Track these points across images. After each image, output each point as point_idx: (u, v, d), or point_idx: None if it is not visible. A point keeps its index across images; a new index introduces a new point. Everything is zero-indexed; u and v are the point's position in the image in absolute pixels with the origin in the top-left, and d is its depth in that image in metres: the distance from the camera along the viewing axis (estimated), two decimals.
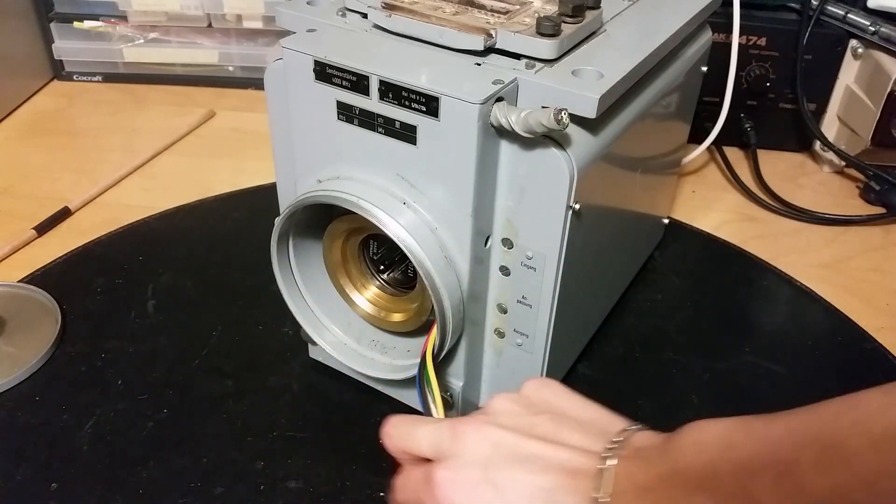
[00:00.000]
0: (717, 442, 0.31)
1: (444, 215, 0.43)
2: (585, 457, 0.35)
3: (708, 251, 0.73)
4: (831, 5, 0.80)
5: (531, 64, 0.42)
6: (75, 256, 0.68)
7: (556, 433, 0.36)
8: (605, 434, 0.36)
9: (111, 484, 0.49)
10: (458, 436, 0.37)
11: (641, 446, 0.34)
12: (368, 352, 0.52)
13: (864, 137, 0.77)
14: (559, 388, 0.40)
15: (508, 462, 0.35)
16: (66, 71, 0.98)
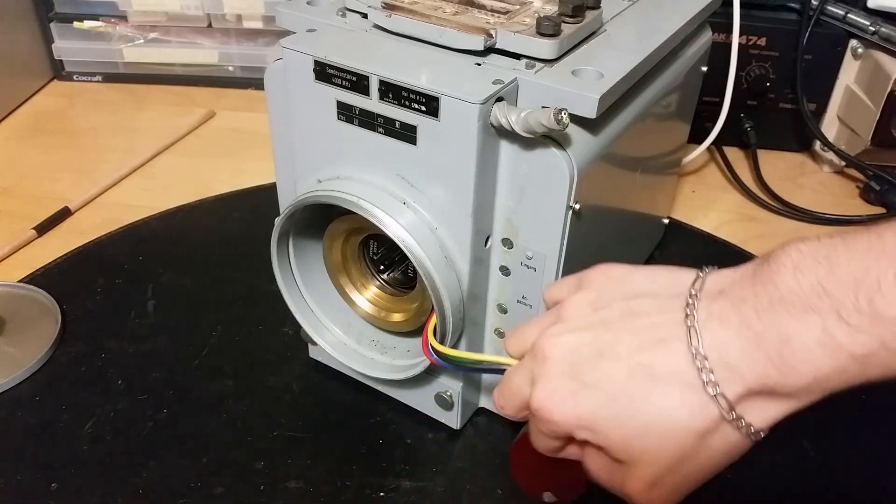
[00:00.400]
0: (815, 262, 0.30)
1: (444, 215, 0.43)
2: (670, 322, 0.32)
3: (708, 251, 0.73)
4: (831, 5, 0.80)
5: (531, 64, 0.42)
6: (75, 256, 0.68)
7: (633, 315, 0.34)
8: (680, 292, 0.33)
9: (111, 484, 0.49)
10: (540, 358, 0.35)
11: (724, 288, 0.32)
12: (368, 352, 0.53)
13: (864, 137, 0.77)
14: (619, 268, 0.37)
15: (596, 361, 0.33)
16: (66, 71, 0.98)
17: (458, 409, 0.52)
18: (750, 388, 0.31)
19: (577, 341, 0.34)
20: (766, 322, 0.30)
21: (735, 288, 0.31)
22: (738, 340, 0.30)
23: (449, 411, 0.52)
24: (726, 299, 0.31)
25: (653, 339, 0.32)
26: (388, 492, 0.49)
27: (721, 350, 0.31)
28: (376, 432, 0.53)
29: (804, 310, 0.29)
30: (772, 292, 0.30)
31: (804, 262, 0.30)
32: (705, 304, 0.32)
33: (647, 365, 0.32)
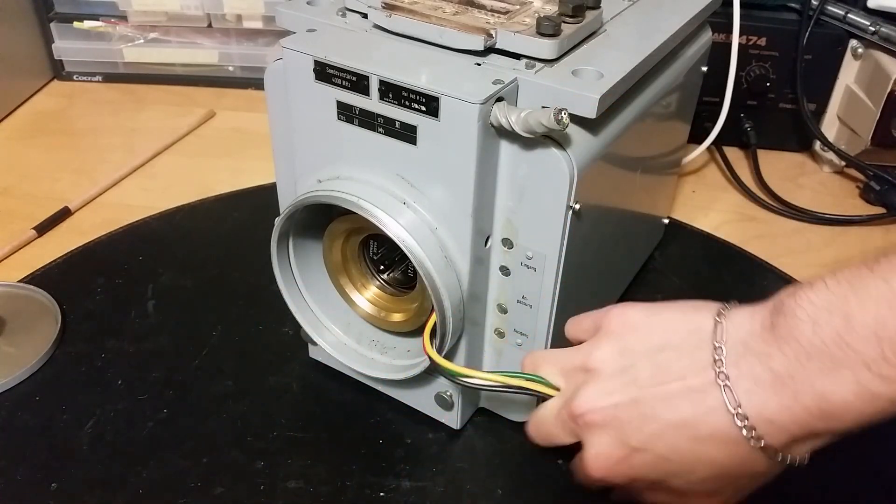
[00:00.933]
0: (830, 315, 0.30)
1: (444, 215, 0.43)
2: (704, 384, 0.33)
3: (708, 251, 0.73)
4: (831, 5, 0.80)
5: (531, 64, 0.42)
6: (75, 256, 0.68)
7: (663, 374, 0.35)
8: (702, 343, 0.34)
9: (111, 484, 0.49)
10: (582, 423, 0.37)
11: (746, 339, 0.33)
12: (368, 352, 0.53)
13: (864, 137, 0.77)
14: (636, 312, 0.38)
15: (639, 424, 0.35)
16: (66, 71, 0.98)
17: (458, 409, 0.52)
18: (794, 436, 0.32)
19: (615, 405, 0.36)
20: (800, 381, 0.31)
21: (757, 342, 0.32)
22: (776, 398, 0.32)
23: (449, 411, 0.52)
24: (753, 356, 0.32)
25: (690, 402, 0.34)
26: (388, 492, 0.49)
27: (760, 408, 0.32)
28: (376, 432, 0.53)
29: (834, 366, 0.30)
30: (797, 349, 0.31)
31: (819, 315, 0.31)
32: (733, 359, 0.33)
33: (690, 426, 0.34)
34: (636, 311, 0.38)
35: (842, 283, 0.31)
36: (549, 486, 0.50)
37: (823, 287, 0.31)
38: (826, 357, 0.30)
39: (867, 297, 0.30)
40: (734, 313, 0.34)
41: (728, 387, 0.32)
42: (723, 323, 0.34)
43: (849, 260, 0.71)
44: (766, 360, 0.32)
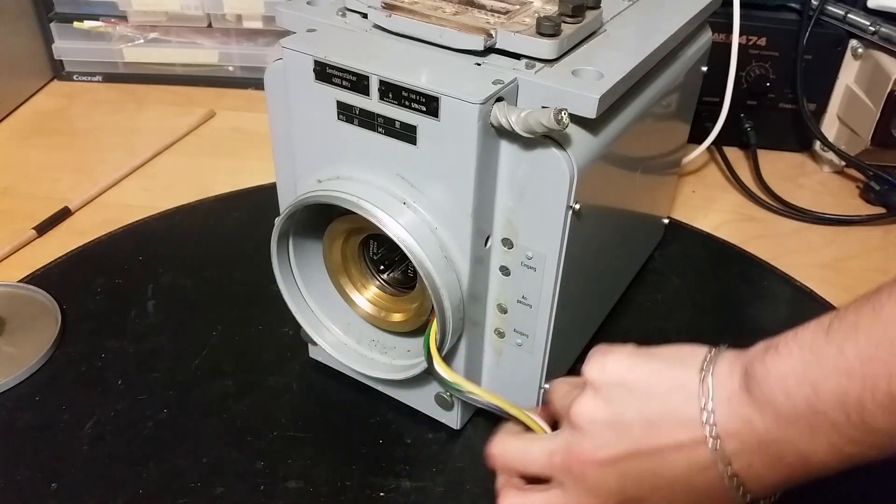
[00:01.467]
0: (799, 385, 0.32)
1: (444, 215, 0.43)
2: (692, 435, 0.35)
3: (708, 251, 0.73)
4: (831, 5, 0.80)
5: (531, 64, 0.42)
6: (75, 256, 0.68)
7: (655, 435, 0.36)
8: (690, 399, 0.36)
9: (111, 484, 0.49)
10: (573, 477, 0.39)
11: (731, 397, 0.35)
12: (368, 352, 0.53)
13: (864, 137, 0.77)
14: (617, 361, 0.39)
15: (636, 475, 0.37)
16: (66, 71, 0.98)
17: (458, 409, 0.52)
18: (778, 486, 0.36)
19: (609, 463, 0.37)
20: (782, 443, 0.33)
21: (739, 405, 0.34)
22: (761, 458, 0.34)
23: (449, 411, 0.52)
24: (738, 419, 0.34)
25: (685, 459, 0.36)
26: (388, 492, 0.49)
27: (748, 468, 0.35)
28: (376, 432, 0.53)
29: (811, 431, 0.32)
30: (775, 416, 0.33)
31: (789, 385, 0.33)
32: (720, 420, 0.35)
33: (684, 481, 0.36)
34: (620, 364, 0.39)
35: (804, 350, 0.33)
36: None
37: (788, 354, 0.33)
38: (803, 423, 0.32)
39: (828, 368, 0.32)
40: (716, 369, 0.36)
41: (718, 448, 0.35)
42: (707, 381, 0.36)
43: (849, 260, 0.72)
44: (749, 424, 0.34)
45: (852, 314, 0.32)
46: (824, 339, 0.32)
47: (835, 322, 0.32)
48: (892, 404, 0.30)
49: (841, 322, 0.32)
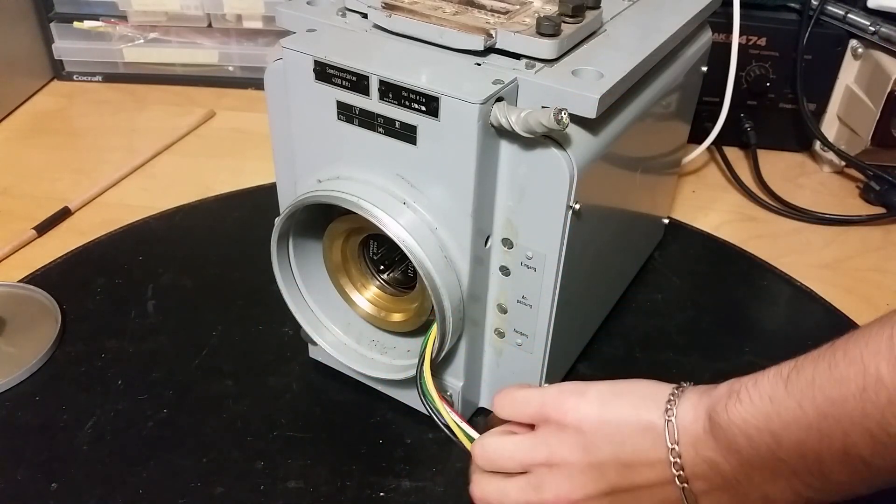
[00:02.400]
0: (761, 434, 0.34)
1: (444, 215, 0.43)
2: (661, 475, 0.37)
3: (708, 251, 0.73)
4: (831, 5, 0.80)
5: (531, 64, 0.42)
6: (75, 256, 0.68)
7: (627, 467, 0.38)
8: (658, 444, 0.37)
9: (111, 484, 0.49)
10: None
11: (697, 443, 0.36)
12: (368, 352, 0.53)
13: (864, 137, 0.77)
14: (588, 406, 0.40)
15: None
16: (66, 71, 0.98)
17: (458, 408, 0.52)
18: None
19: (588, 498, 0.39)
20: (746, 486, 0.35)
21: (704, 448, 0.36)
22: (729, 497, 0.36)
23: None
24: (704, 462, 0.36)
25: (657, 500, 0.38)
26: (388, 492, 0.49)
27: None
28: (376, 432, 0.53)
29: (773, 476, 0.34)
30: (740, 460, 0.35)
31: (751, 433, 0.34)
32: (688, 462, 0.36)
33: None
34: (587, 405, 0.39)
35: (764, 401, 0.34)
36: None
37: (749, 402, 0.35)
38: (766, 468, 0.34)
39: (788, 420, 0.33)
40: (679, 411, 0.37)
41: (687, 489, 0.36)
42: (672, 422, 0.37)
43: (849, 260, 0.72)
44: (715, 467, 0.35)
45: (810, 368, 0.33)
46: (784, 392, 0.34)
47: (793, 375, 0.34)
48: (848, 459, 0.32)
49: (799, 376, 0.34)
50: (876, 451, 0.31)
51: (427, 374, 0.46)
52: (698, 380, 0.58)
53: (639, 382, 0.40)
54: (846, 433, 0.31)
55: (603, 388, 0.40)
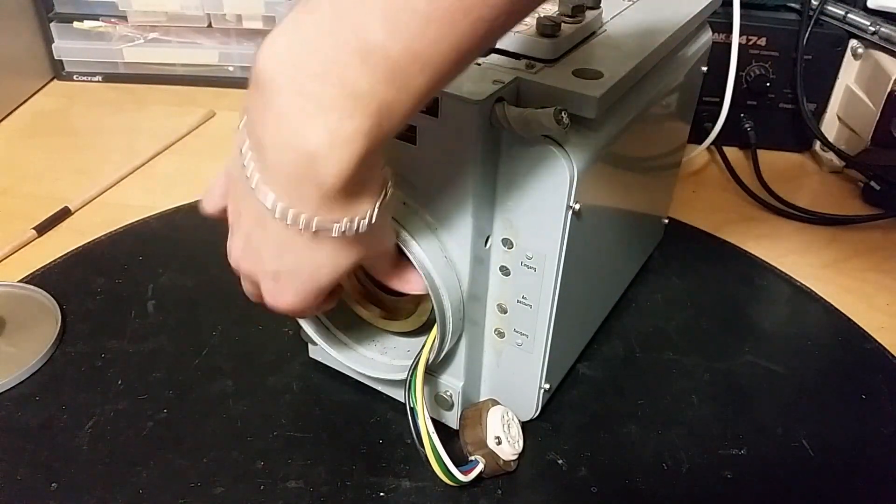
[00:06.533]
0: (286, 66, 0.30)
1: (444, 215, 0.43)
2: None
3: (708, 251, 0.73)
4: (831, 5, 0.80)
5: (531, 64, 0.42)
6: (75, 256, 0.68)
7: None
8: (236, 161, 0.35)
9: (111, 484, 0.49)
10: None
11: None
12: (368, 352, 0.53)
13: (864, 137, 0.77)
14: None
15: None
16: (66, 71, 0.98)
17: (458, 408, 0.52)
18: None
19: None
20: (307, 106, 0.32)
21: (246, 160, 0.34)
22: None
23: (449, 411, 0.52)
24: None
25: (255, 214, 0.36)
26: (388, 492, 0.49)
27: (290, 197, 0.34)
28: (376, 432, 0.53)
29: (306, 116, 0.30)
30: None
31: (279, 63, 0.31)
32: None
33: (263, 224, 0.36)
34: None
35: (286, 30, 0.30)
36: (548, 486, 0.50)
37: (281, 33, 0.31)
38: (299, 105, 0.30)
39: (308, 37, 0.30)
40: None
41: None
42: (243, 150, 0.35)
43: (849, 260, 0.72)
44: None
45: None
46: (303, 12, 0.30)
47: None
48: (365, 56, 0.29)
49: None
50: (389, 28, 0.28)
51: (420, 373, 0.46)
52: (698, 380, 0.58)
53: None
54: (358, 21, 0.28)
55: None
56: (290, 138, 0.31)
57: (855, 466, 0.52)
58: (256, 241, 0.38)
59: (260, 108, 0.31)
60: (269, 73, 0.30)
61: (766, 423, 0.55)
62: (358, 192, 0.34)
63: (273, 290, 0.41)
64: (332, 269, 0.38)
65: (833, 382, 0.59)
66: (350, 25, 0.29)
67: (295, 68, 0.30)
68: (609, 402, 0.56)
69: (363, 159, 0.31)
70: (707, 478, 0.51)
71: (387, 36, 0.28)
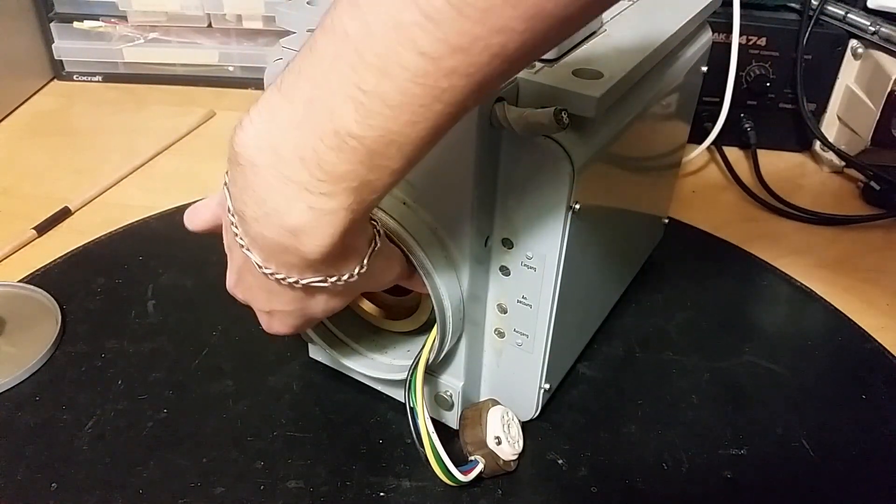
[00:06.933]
0: (263, 153, 0.31)
1: (444, 215, 0.43)
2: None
3: (708, 251, 0.73)
4: (831, 5, 0.80)
5: (531, 64, 0.42)
6: (75, 256, 0.68)
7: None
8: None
9: (111, 484, 0.49)
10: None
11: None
12: (368, 352, 0.53)
13: (864, 137, 0.77)
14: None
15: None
16: (66, 71, 0.98)
17: (458, 408, 0.52)
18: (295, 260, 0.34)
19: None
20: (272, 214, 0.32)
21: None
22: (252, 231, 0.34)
23: (449, 411, 0.52)
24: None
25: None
26: (388, 492, 0.49)
27: (254, 245, 0.34)
28: (376, 432, 0.53)
29: (285, 199, 0.31)
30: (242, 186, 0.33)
31: (254, 154, 0.31)
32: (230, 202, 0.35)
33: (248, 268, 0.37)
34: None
35: (263, 115, 0.31)
36: (548, 486, 0.50)
37: (250, 124, 0.31)
38: (278, 194, 0.31)
39: (283, 126, 0.30)
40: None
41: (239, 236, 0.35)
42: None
43: (849, 260, 0.72)
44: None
45: (298, 60, 0.30)
46: (278, 96, 0.30)
47: (285, 76, 0.30)
48: (340, 143, 0.29)
49: (289, 73, 0.30)
50: (359, 117, 0.28)
51: (420, 373, 0.46)
52: (698, 379, 0.58)
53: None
54: (332, 111, 0.29)
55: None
56: (272, 216, 0.32)
57: (855, 466, 0.52)
58: (248, 282, 0.39)
59: (241, 185, 0.32)
60: (247, 156, 0.31)
61: (766, 423, 0.55)
62: (344, 255, 0.35)
63: (267, 321, 0.41)
64: (324, 309, 0.39)
65: (833, 382, 0.59)
66: (324, 116, 0.29)
67: (274, 153, 0.30)
68: (609, 402, 0.56)
69: (347, 231, 0.32)
70: (707, 478, 0.51)
71: (359, 126, 0.29)
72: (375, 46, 0.27)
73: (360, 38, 0.28)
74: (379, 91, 0.28)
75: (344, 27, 0.28)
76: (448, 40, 0.27)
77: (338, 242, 0.32)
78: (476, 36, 0.26)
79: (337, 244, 0.32)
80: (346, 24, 0.28)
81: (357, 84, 0.28)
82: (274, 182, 0.31)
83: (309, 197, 0.30)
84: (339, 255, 0.34)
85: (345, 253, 0.35)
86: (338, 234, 0.32)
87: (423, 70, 0.27)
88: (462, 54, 0.27)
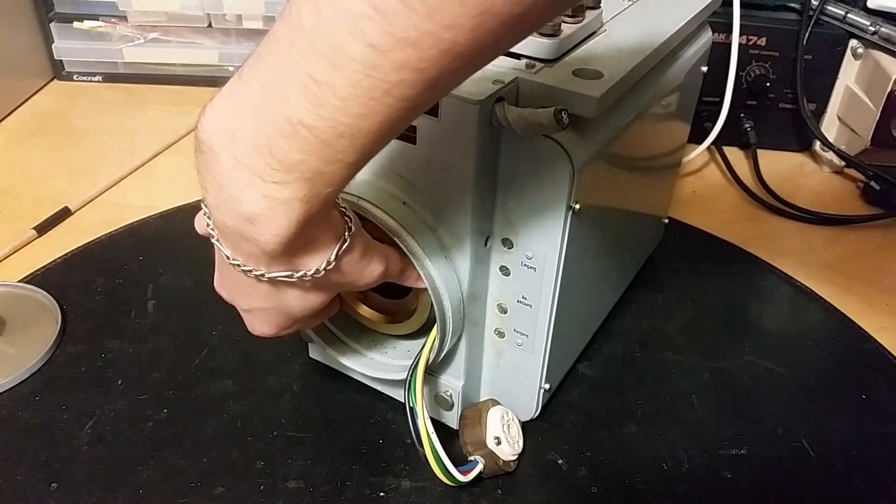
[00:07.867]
0: (221, 138, 0.32)
1: (444, 215, 0.43)
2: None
3: (708, 251, 0.73)
4: (831, 5, 0.80)
5: (531, 63, 0.42)
6: (75, 256, 0.68)
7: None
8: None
9: (111, 484, 0.49)
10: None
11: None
12: (368, 352, 0.53)
13: (864, 137, 0.77)
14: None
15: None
16: (66, 71, 0.98)
17: (458, 408, 0.52)
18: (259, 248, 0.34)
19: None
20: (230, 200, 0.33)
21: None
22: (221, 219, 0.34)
23: (449, 411, 0.52)
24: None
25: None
26: (388, 492, 0.49)
27: (222, 236, 0.36)
28: (376, 432, 0.53)
29: (239, 186, 0.32)
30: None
31: (213, 140, 0.33)
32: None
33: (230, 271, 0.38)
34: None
35: (224, 100, 0.31)
36: (548, 486, 0.50)
37: (211, 110, 0.32)
38: (234, 183, 0.32)
39: (241, 107, 0.30)
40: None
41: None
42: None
43: (849, 260, 0.72)
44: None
45: (260, 46, 0.30)
46: (238, 82, 0.30)
47: (248, 61, 0.30)
48: (292, 131, 0.29)
49: (251, 59, 0.30)
50: (310, 106, 0.28)
51: (420, 373, 0.46)
52: (698, 380, 0.58)
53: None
54: (285, 98, 0.29)
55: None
56: (230, 203, 0.32)
57: (855, 466, 0.52)
58: (228, 279, 0.40)
59: (203, 171, 0.33)
60: (207, 141, 0.32)
61: (766, 423, 0.55)
62: (306, 247, 0.35)
63: (248, 319, 0.42)
64: (300, 307, 0.40)
65: (833, 382, 0.59)
66: (277, 103, 0.29)
67: (230, 138, 0.31)
68: (609, 402, 0.56)
69: (303, 222, 0.32)
70: (707, 478, 0.51)
71: (310, 115, 0.29)
72: (328, 36, 0.27)
73: (313, 28, 0.28)
74: (330, 82, 0.28)
75: (300, 16, 0.28)
76: (396, 33, 0.27)
77: (295, 234, 0.32)
78: (425, 31, 0.26)
79: (294, 235, 0.33)
80: (302, 13, 0.28)
81: (309, 73, 0.28)
82: (229, 167, 0.31)
83: (262, 185, 0.31)
84: (301, 249, 0.35)
85: (307, 247, 0.35)
86: (293, 224, 0.32)
87: (373, 62, 0.27)
88: (411, 48, 0.27)
